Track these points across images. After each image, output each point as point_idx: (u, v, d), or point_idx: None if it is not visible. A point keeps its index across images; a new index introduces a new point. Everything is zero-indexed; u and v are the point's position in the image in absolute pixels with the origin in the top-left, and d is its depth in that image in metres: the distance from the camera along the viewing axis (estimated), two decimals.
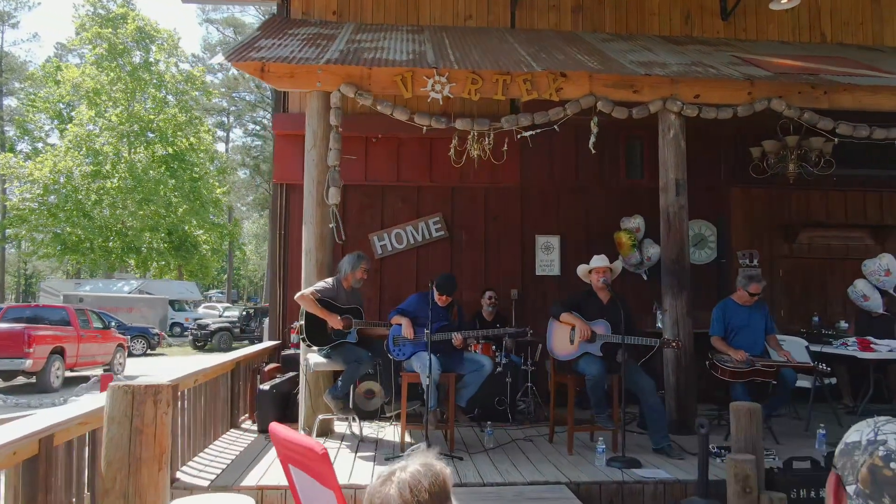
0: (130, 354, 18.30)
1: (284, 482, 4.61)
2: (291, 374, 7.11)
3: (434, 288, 5.56)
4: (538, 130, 6.29)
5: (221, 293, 46.72)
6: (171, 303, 28.46)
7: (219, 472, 4.79)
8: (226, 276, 46.58)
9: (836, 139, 6.43)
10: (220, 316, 29.13)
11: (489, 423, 5.85)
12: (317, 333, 5.63)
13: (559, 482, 4.63)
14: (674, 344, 5.34)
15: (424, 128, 6.23)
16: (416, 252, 8.21)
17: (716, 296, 8.05)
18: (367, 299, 6.56)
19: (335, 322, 5.55)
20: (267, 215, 38.32)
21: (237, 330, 24.26)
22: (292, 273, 8.09)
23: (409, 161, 8.26)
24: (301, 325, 5.62)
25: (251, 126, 37.47)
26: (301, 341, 5.71)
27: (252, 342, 24.59)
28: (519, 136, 6.29)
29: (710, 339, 5.93)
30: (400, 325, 5.62)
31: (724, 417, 6.76)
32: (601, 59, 6.75)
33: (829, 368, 5.70)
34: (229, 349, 23.45)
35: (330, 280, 5.83)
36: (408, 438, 5.73)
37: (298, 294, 5.63)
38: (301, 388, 6.06)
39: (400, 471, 1.55)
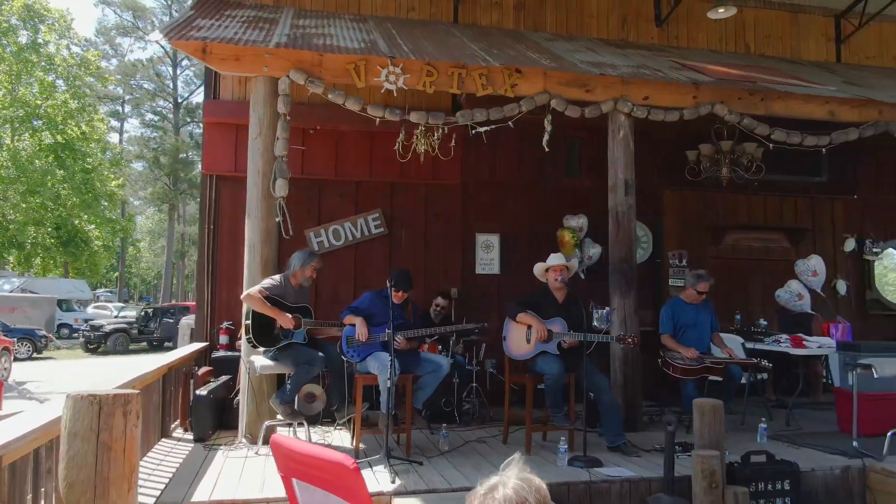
0: (15, 358, 16.79)
1: (239, 496, 4.28)
2: (225, 377, 6.67)
3: (391, 285, 5.34)
4: (492, 127, 6.19)
5: (111, 292, 44.01)
6: (59, 302, 26.42)
7: (162, 487, 4.37)
8: (116, 274, 43.91)
9: (771, 145, 6.68)
10: (116, 316, 27.36)
11: (444, 425, 5.68)
12: (263, 334, 5.26)
13: None
14: (629, 340, 5.37)
15: (377, 119, 5.98)
16: (355, 249, 7.92)
17: (651, 295, 8.26)
18: None
19: (286, 321, 5.21)
20: (166, 210, 36.47)
21: (135, 331, 22.84)
22: (222, 269, 7.62)
23: (349, 154, 7.96)
24: (247, 326, 5.24)
25: (150, 116, 35.46)
26: (246, 342, 5.32)
27: (152, 345, 23.22)
28: (473, 133, 6.16)
29: (659, 337, 6.03)
30: (353, 325, 5.35)
31: (666, 413, 6.93)
32: (552, 58, 6.74)
33: (770, 364, 5.92)
34: (126, 352, 22.00)
35: (277, 277, 5.48)
36: (361, 445, 5.48)
37: (245, 293, 5.24)
38: (242, 393, 5.67)
39: (502, 486, 1.51)
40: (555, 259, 5.67)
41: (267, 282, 5.37)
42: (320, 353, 5.29)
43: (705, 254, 8.87)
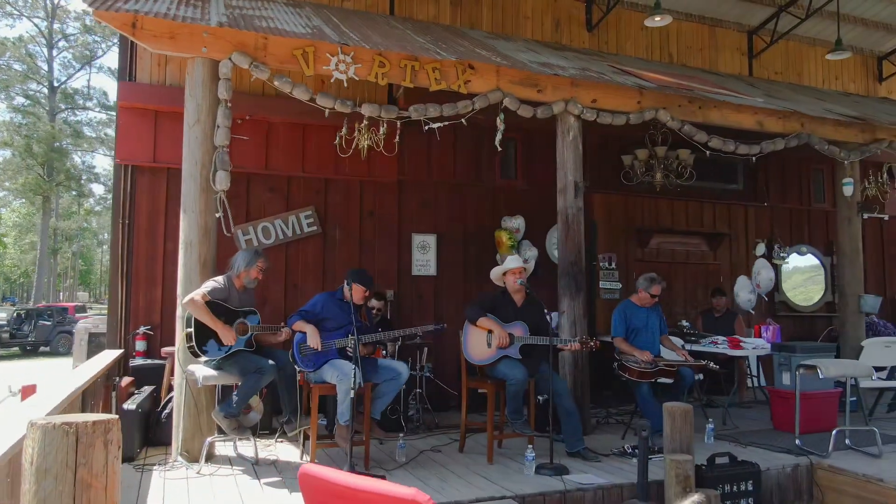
0: None
1: None
2: (148, 388, 6.05)
3: (352, 283, 5.01)
4: (445, 123, 5.96)
5: None
6: None
7: None
8: None
9: (708, 152, 6.86)
10: None
11: (401, 435, 5.39)
12: (204, 340, 4.77)
13: (504, 497, 4.33)
14: (591, 344, 5.32)
15: (327, 111, 5.60)
16: (286, 248, 7.44)
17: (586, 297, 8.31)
18: None
19: (227, 336, 4.73)
20: (39, 203, 33.50)
21: (5, 335, 20.76)
22: (138, 269, 6.93)
23: (279, 147, 7.47)
24: (189, 333, 4.72)
25: (20, 100, 32.37)
26: (187, 351, 4.80)
27: (25, 349, 21.17)
28: (426, 129, 5.90)
29: (612, 340, 6.03)
30: (303, 332, 4.96)
31: (612, 416, 6.98)
32: (500, 56, 6.60)
33: (717, 366, 6.06)
34: None
35: (220, 279, 4.99)
36: (307, 459, 5.10)
37: (187, 298, 4.72)
38: (177, 406, 5.12)
39: None
40: (513, 262, 5.52)
41: (209, 284, 4.88)
42: (270, 361, 4.86)
43: (632, 256, 9.06)
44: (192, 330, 4.70)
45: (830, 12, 9.33)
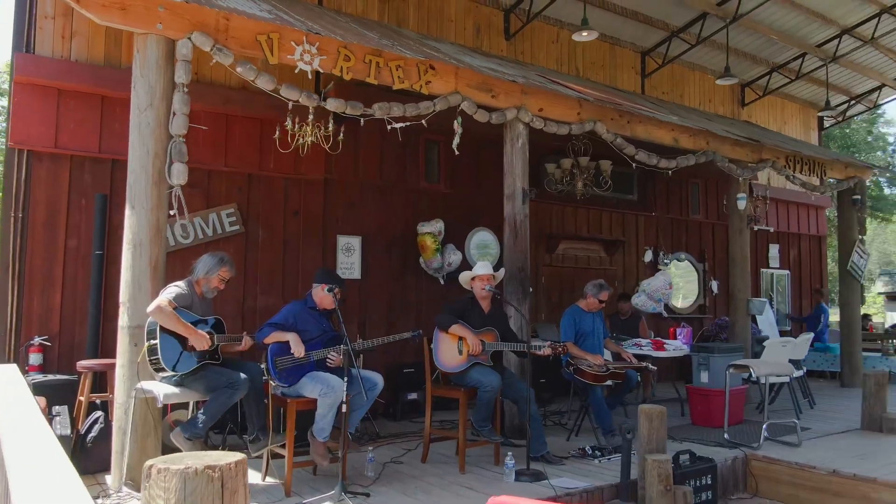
0: None
1: None
2: (58, 408, 5.28)
3: (320, 285, 4.72)
4: (407, 124, 5.78)
5: None
6: None
7: None
8: None
9: (635, 164, 7.25)
10: None
11: (371, 448, 5.14)
12: (166, 354, 4.25)
13: None
14: (559, 349, 5.42)
15: (291, 103, 5.20)
16: (205, 249, 6.79)
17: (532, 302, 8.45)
18: None
19: (200, 340, 4.27)
20: None
21: None
22: (33, 270, 6.04)
23: (199, 139, 6.80)
24: (153, 346, 4.18)
25: None
26: (151, 366, 4.24)
27: None
28: (390, 128, 5.68)
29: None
30: (279, 342, 4.58)
31: (552, 419, 7.14)
32: (455, 59, 6.52)
33: (655, 368, 6.43)
34: None
35: (182, 284, 4.49)
36: (270, 480, 4.72)
37: (154, 306, 4.17)
38: (120, 430, 4.50)
39: None
40: (482, 268, 5.49)
41: (172, 290, 4.35)
42: (243, 375, 4.43)
43: (541, 262, 9.35)
44: (157, 342, 4.16)
45: (713, 41, 10.27)
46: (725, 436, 6.09)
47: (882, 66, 12.60)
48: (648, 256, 10.45)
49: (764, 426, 5.96)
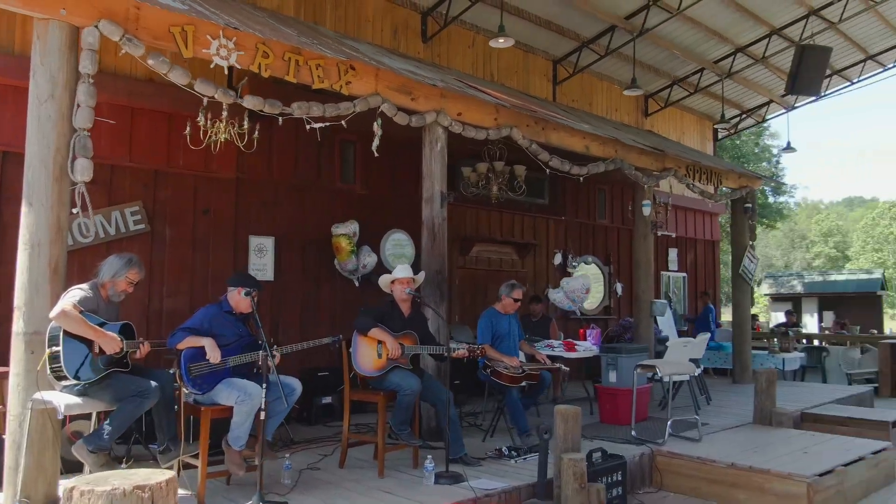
0: None
1: None
2: None
3: (236, 289, 4.58)
4: (327, 124, 5.69)
5: None
6: None
7: None
8: None
9: (548, 170, 7.44)
10: None
11: (287, 455, 5.02)
12: (69, 361, 4.00)
13: None
14: (478, 352, 5.49)
15: (206, 99, 5.01)
16: (107, 248, 6.44)
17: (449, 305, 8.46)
18: None
19: (111, 343, 4.04)
20: None
21: None
22: None
23: (102, 132, 6.39)
24: (56, 353, 3.91)
25: None
26: (52, 374, 3.96)
27: None
28: (309, 128, 5.57)
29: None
30: (193, 348, 4.40)
31: (468, 420, 7.20)
32: (374, 60, 6.47)
33: (567, 368, 6.61)
34: None
35: (86, 286, 4.25)
36: (182, 492, 4.52)
37: (58, 310, 3.90)
38: (14, 444, 4.18)
39: None
40: (402, 271, 5.48)
41: (76, 293, 4.10)
42: (153, 382, 4.22)
43: (455, 264, 9.43)
44: (60, 349, 3.90)
45: (621, 53, 10.69)
46: (633, 433, 6.35)
47: (770, 83, 13.52)
48: (558, 259, 10.76)
49: (668, 423, 6.25)
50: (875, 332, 18.51)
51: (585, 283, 8.88)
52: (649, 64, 11.69)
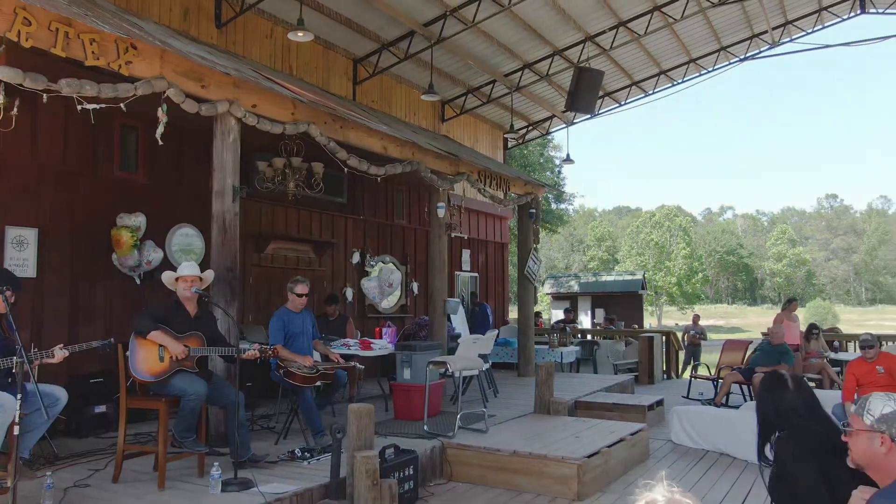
0: None
1: None
2: None
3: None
4: (101, 106, 5.17)
5: None
6: None
7: None
8: None
9: (347, 169, 7.42)
10: None
11: (49, 474, 4.45)
12: None
13: None
14: (270, 352, 5.32)
15: None
16: None
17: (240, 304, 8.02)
18: None
19: None
20: None
21: None
22: None
23: None
24: None
25: None
26: None
27: None
28: (81, 108, 5.02)
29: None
30: None
31: (260, 423, 6.93)
32: (159, 40, 5.99)
33: (363, 367, 6.63)
34: None
35: None
36: None
37: None
38: None
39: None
40: (187, 268, 5.15)
41: None
42: None
43: (249, 262, 9.07)
44: None
45: (420, 59, 10.98)
46: (425, 427, 6.54)
47: (553, 99, 14.72)
48: (356, 258, 10.78)
49: (458, 416, 6.53)
50: (637, 326, 20.93)
51: (396, 279, 9.04)
52: (446, 72, 12.15)
